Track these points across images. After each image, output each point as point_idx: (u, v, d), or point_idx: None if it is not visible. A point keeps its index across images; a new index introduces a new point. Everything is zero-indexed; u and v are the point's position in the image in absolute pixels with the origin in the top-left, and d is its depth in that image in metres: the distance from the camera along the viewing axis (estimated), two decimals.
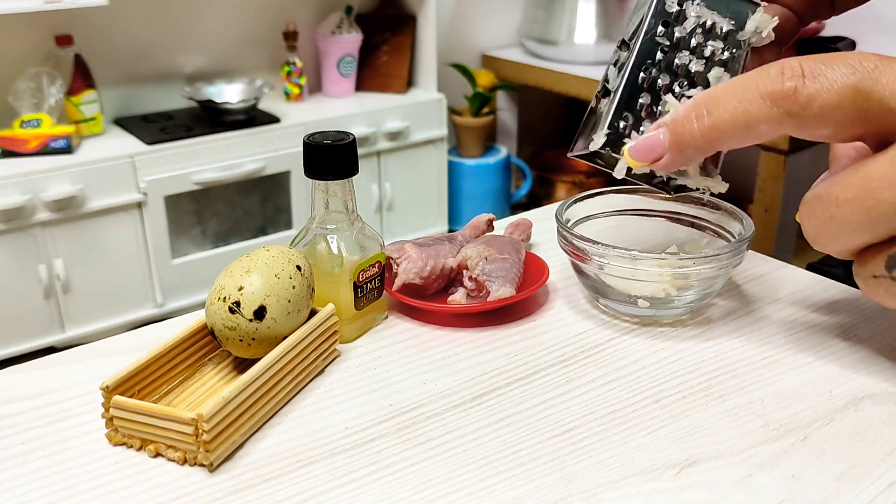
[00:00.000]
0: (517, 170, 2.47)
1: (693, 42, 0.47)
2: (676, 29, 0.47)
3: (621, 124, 0.46)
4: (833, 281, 0.57)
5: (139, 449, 0.40)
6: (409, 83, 2.24)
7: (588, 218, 0.56)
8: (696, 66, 0.47)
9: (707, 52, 0.47)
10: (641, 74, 0.46)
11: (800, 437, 0.41)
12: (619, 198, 0.57)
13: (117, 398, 0.40)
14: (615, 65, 0.48)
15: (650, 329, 0.51)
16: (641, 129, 0.46)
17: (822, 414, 0.42)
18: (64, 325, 1.74)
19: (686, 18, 0.47)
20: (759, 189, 1.82)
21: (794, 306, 0.54)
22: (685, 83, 0.47)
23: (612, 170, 0.48)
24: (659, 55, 0.47)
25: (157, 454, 0.40)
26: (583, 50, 2.17)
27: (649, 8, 0.47)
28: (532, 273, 0.56)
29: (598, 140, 0.46)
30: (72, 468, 0.39)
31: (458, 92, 2.35)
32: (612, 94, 0.47)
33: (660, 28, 0.46)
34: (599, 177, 2.43)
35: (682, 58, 0.47)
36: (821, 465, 0.39)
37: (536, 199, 2.48)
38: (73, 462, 0.40)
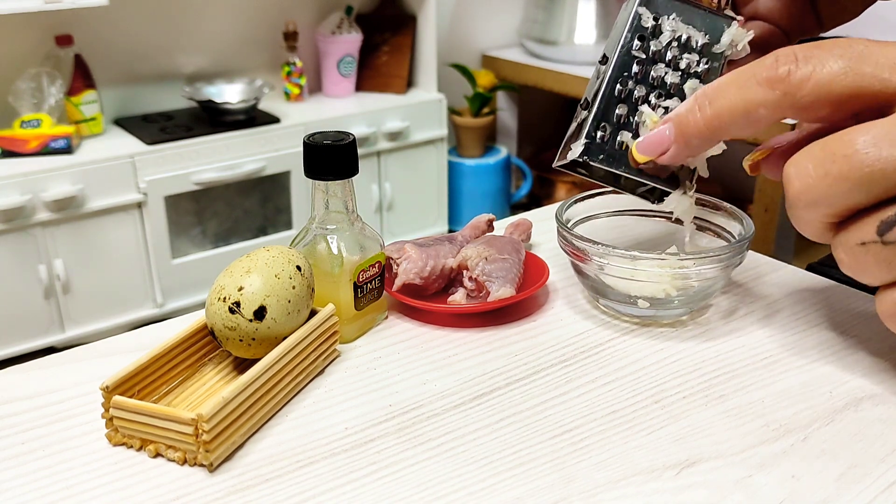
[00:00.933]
0: (517, 170, 2.47)
1: (669, 55, 0.49)
2: (652, 43, 0.48)
3: (598, 134, 0.48)
4: (833, 281, 0.57)
5: (139, 449, 0.40)
6: (409, 83, 2.24)
7: (588, 218, 0.56)
8: (671, 78, 0.49)
9: (682, 65, 0.49)
10: (618, 87, 0.48)
11: (800, 437, 0.41)
12: (619, 198, 0.57)
13: (117, 398, 0.40)
14: (597, 78, 0.49)
15: (650, 329, 0.51)
16: (619, 139, 0.47)
17: (822, 414, 0.42)
18: (64, 325, 1.74)
19: (662, 33, 0.49)
20: (759, 189, 1.82)
21: (794, 306, 0.54)
22: (661, 94, 0.48)
23: (595, 179, 0.50)
24: (635, 68, 0.48)
25: (157, 454, 0.40)
26: (583, 50, 2.17)
27: (626, 23, 0.48)
28: (532, 273, 0.56)
29: (576, 149, 0.48)
30: (72, 468, 0.39)
31: (458, 92, 2.35)
32: (590, 106, 0.48)
33: (636, 42, 0.48)
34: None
35: (658, 70, 0.49)
36: (821, 465, 0.39)
37: (536, 199, 2.48)
38: (73, 462, 0.40)
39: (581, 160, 0.48)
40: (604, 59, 0.49)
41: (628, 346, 0.50)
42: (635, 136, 0.48)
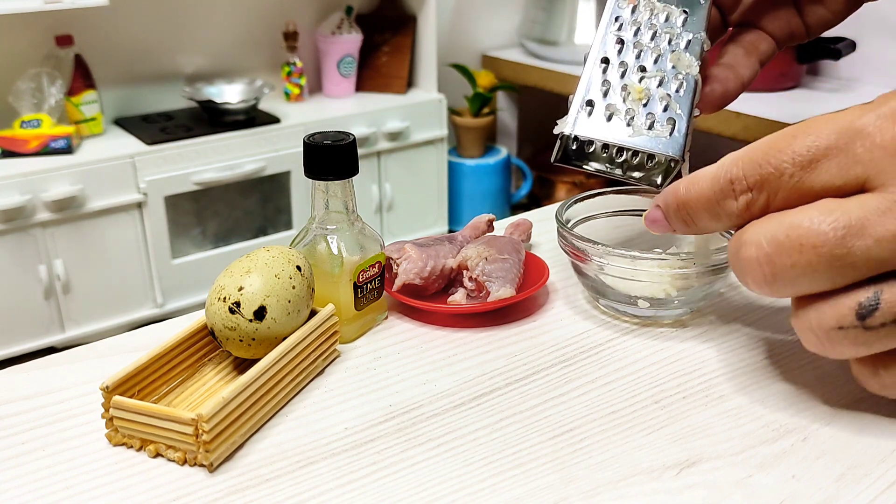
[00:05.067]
0: (517, 170, 2.47)
1: (648, 34, 0.49)
2: (631, 23, 0.49)
3: (586, 110, 0.48)
4: None
5: (139, 449, 0.40)
6: (409, 83, 2.24)
7: (588, 218, 0.56)
8: (653, 53, 0.49)
9: (663, 42, 0.49)
10: (602, 65, 0.49)
11: (800, 437, 0.41)
12: (619, 198, 0.57)
13: (117, 398, 0.40)
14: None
15: (650, 329, 0.51)
16: (606, 112, 0.48)
17: (822, 414, 0.42)
18: (64, 325, 1.74)
19: (639, 13, 0.50)
20: None
21: None
22: (644, 69, 0.49)
23: (586, 167, 0.50)
24: (616, 48, 0.49)
25: (157, 454, 0.40)
26: (583, 50, 2.16)
27: (606, 11, 0.50)
28: (532, 273, 0.56)
29: (562, 125, 0.48)
30: (72, 468, 0.39)
31: (458, 92, 2.35)
32: (576, 89, 0.49)
33: (614, 25, 0.49)
34: (600, 177, 2.42)
35: (640, 46, 0.49)
36: (821, 465, 0.39)
37: (536, 199, 2.48)
38: (73, 462, 0.40)
39: (570, 134, 0.47)
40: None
41: (628, 346, 0.50)
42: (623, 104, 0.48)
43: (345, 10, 2.13)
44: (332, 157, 0.48)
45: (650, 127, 0.47)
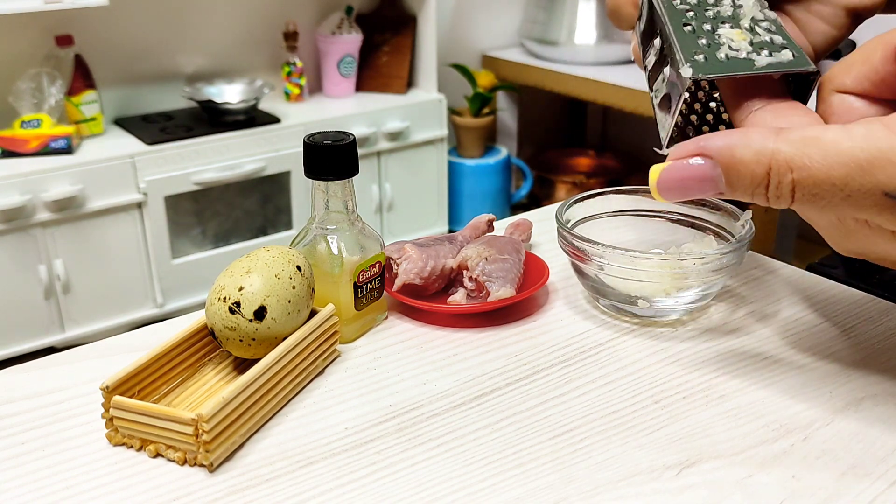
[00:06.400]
0: (517, 170, 2.47)
1: None
2: None
3: (700, 55, 0.42)
4: (833, 281, 0.57)
5: (139, 449, 0.40)
6: (410, 83, 2.23)
7: (588, 218, 0.56)
8: (727, 9, 0.44)
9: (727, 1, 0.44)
10: (685, 27, 0.43)
11: (800, 437, 0.41)
12: (619, 198, 0.57)
13: (117, 398, 0.40)
14: (650, 54, 0.45)
15: (650, 329, 0.51)
16: (720, 51, 0.42)
17: (822, 414, 0.42)
18: (64, 325, 1.73)
19: None
20: None
21: (794, 306, 0.54)
22: (726, 20, 0.44)
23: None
24: (688, 8, 0.44)
25: (157, 454, 0.40)
26: (583, 50, 2.17)
27: None
28: (532, 273, 0.56)
29: (686, 72, 0.41)
30: (72, 468, 0.39)
31: (458, 92, 2.35)
32: (666, 52, 0.44)
33: None
34: (599, 177, 2.43)
35: (705, 4, 0.44)
36: (821, 465, 0.39)
37: (536, 199, 2.48)
38: (73, 462, 0.40)
39: (695, 78, 0.41)
40: (646, 46, 0.46)
41: (628, 346, 0.50)
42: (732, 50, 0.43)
43: (345, 10, 2.13)
44: (332, 157, 0.48)
45: (769, 55, 0.42)
